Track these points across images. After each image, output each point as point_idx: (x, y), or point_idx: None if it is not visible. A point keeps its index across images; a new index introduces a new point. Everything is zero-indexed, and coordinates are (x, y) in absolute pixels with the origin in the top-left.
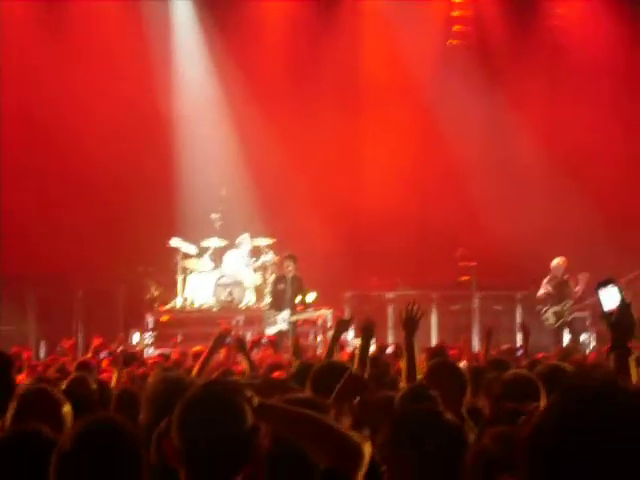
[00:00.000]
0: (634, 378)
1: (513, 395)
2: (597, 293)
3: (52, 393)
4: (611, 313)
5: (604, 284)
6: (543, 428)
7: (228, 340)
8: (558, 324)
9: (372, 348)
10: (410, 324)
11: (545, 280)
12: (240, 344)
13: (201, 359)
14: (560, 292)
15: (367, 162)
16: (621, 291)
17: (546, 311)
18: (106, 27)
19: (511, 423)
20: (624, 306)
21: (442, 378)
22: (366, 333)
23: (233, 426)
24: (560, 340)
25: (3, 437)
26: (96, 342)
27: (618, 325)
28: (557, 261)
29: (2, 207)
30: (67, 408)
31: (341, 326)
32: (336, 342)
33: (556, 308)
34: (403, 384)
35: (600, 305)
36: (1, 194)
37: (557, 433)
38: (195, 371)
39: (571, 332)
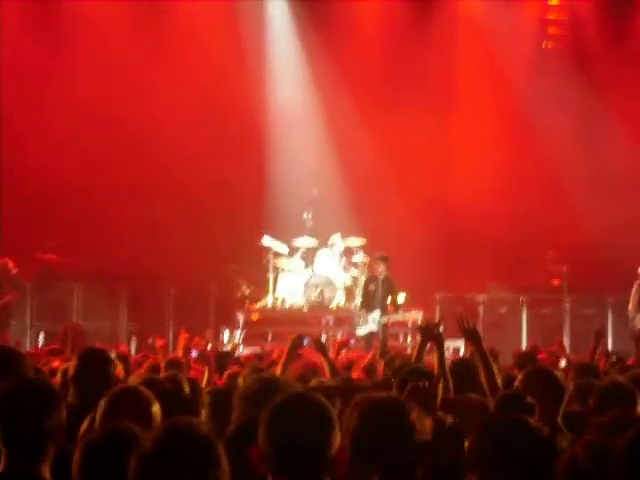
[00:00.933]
0: None
1: (609, 403)
2: None
3: (142, 392)
4: None
5: None
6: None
7: (306, 342)
8: None
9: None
10: (472, 336)
11: (635, 285)
12: (319, 345)
13: (282, 360)
14: None
15: (459, 164)
16: None
17: (634, 317)
18: (200, 28)
19: (607, 432)
20: None
21: (538, 386)
22: (424, 334)
23: (320, 436)
24: None
25: (96, 435)
26: (183, 338)
27: None
28: None
29: (98, 206)
30: (156, 407)
31: (427, 333)
32: (425, 346)
33: None
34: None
35: None
36: (97, 193)
37: None
38: (279, 371)
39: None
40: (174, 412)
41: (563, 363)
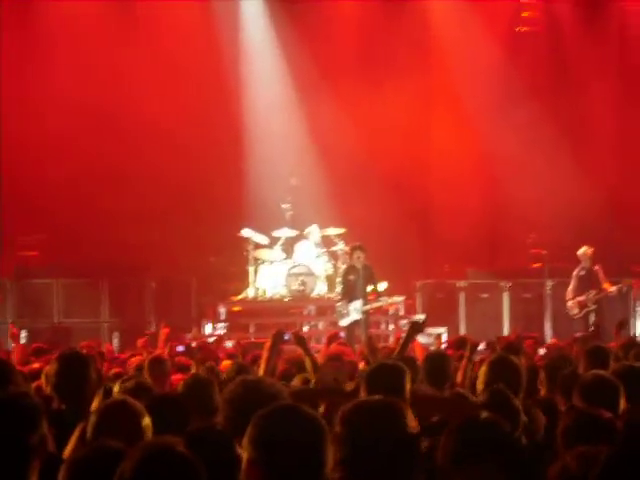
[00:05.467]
0: None
1: (590, 397)
2: None
3: (132, 405)
4: None
5: None
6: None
7: (287, 337)
8: (582, 314)
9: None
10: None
11: (575, 271)
12: (300, 340)
13: (264, 358)
14: (585, 281)
15: (437, 149)
16: None
17: (569, 300)
18: (178, 24)
19: (585, 429)
20: None
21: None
22: (413, 329)
23: (317, 453)
24: (587, 328)
25: (81, 454)
26: (163, 333)
27: None
28: (583, 250)
29: (77, 200)
30: (147, 420)
31: (415, 328)
32: (409, 343)
33: (580, 298)
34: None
35: None
36: (77, 187)
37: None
38: (262, 370)
39: (594, 320)
40: (163, 416)
41: (542, 351)
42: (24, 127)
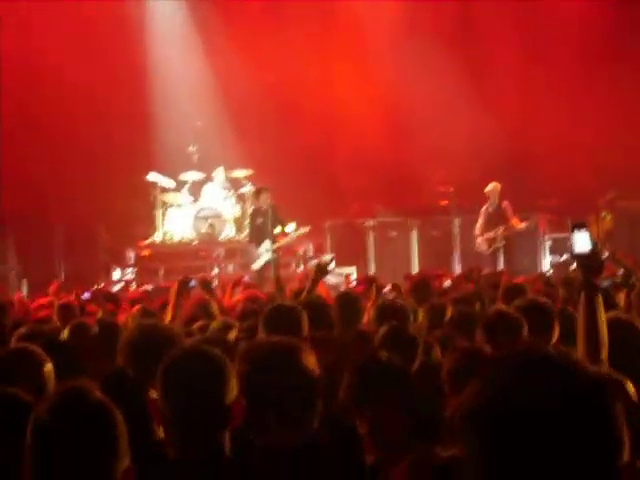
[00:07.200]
0: (601, 315)
1: (492, 333)
2: (571, 233)
3: (33, 353)
4: (582, 255)
5: (578, 226)
6: (476, 401)
7: (193, 283)
8: (490, 250)
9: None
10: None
11: (483, 208)
12: (205, 285)
13: (171, 305)
14: (494, 218)
15: (341, 90)
16: (591, 235)
17: (478, 237)
18: None
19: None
20: (595, 248)
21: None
22: (320, 271)
23: (214, 388)
24: (496, 265)
25: None
26: (53, 287)
27: (589, 266)
28: (492, 186)
29: None
30: (49, 367)
31: (321, 270)
32: (317, 285)
33: (489, 234)
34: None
35: (572, 246)
36: None
37: (489, 407)
38: (169, 317)
39: (505, 257)
40: (58, 361)
41: (447, 283)
42: None
